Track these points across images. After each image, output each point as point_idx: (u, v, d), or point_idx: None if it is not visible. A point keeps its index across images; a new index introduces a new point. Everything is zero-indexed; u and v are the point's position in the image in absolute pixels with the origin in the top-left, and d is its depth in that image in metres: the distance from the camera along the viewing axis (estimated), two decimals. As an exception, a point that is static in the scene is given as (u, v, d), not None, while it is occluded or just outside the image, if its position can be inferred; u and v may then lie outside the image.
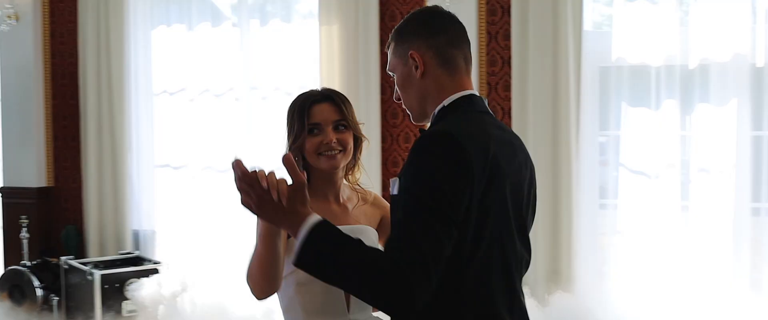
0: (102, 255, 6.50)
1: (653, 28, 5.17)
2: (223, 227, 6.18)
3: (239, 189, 1.74)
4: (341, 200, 2.32)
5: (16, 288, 6.08)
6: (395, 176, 1.84)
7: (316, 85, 5.63)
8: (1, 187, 7.06)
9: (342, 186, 2.33)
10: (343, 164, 2.27)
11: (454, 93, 1.92)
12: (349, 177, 2.36)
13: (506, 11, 5.42)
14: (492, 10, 5.50)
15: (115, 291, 5.56)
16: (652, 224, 5.19)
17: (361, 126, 2.33)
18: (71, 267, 5.82)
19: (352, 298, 2.20)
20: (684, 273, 5.04)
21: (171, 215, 6.54)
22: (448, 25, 1.95)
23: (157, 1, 6.52)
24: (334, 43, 5.78)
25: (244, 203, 1.75)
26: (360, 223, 2.31)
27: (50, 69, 6.96)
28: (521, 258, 1.93)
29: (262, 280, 1.99)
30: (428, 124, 1.98)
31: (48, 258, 6.25)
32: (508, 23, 5.39)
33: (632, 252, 5.29)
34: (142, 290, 5.52)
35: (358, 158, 2.35)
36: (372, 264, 1.65)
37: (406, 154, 5.51)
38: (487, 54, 5.52)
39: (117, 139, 6.55)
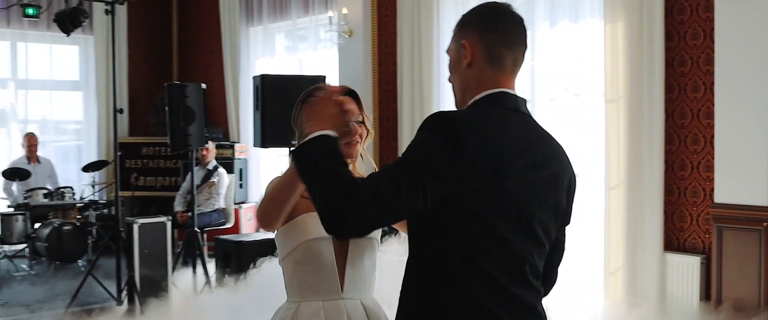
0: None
1: None
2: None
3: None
4: None
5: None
6: (681, 182, 2.04)
7: (601, 86, 5.57)
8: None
9: None
10: (359, 153, 2.43)
11: (491, 89, 1.94)
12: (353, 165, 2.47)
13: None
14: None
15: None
16: None
17: (368, 120, 2.47)
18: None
19: (346, 279, 2.32)
20: None
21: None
22: (507, 24, 1.97)
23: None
24: (619, 41, 5.58)
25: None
26: None
27: (377, 76, 7.75)
28: (524, 259, 1.88)
29: (270, 205, 2.24)
30: None
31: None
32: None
33: None
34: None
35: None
36: (335, 180, 1.75)
37: (694, 156, 5.17)
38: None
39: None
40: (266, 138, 7.25)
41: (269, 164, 9.14)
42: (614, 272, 5.65)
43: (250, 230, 8.80)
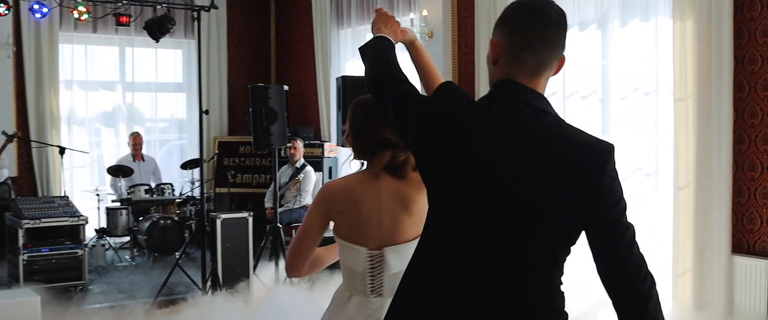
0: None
1: None
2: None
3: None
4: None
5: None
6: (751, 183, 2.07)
7: (670, 85, 5.52)
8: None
9: None
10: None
11: None
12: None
13: None
14: None
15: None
16: None
17: None
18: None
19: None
20: None
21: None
22: (534, 27, 1.93)
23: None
24: (688, 39, 5.48)
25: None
26: None
27: (457, 77, 7.86)
28: (467, 228, 1.94)
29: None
30: None
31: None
32: None
33: None
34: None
35: None
36: (379, 60, 2.30)
37: (765, 157, 5.06)
38: None
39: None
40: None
41: (356, 163, 9.37)
42: (683, 274, 5.56)
43: (337, 226, 9.05)
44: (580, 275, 3.82)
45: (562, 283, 2.01)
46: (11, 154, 8.97)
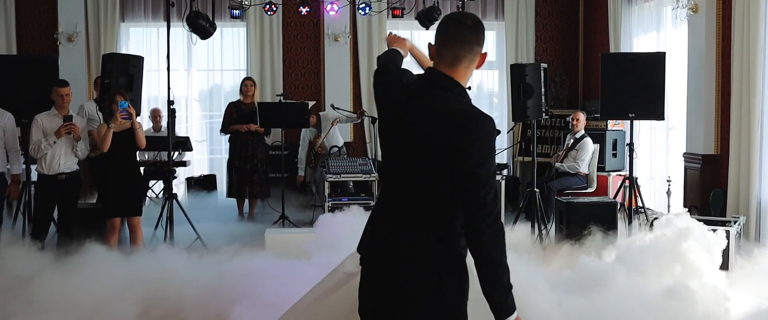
0: (736, 215, 7.19)
1: None
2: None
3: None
4: None
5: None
6: None
7: None
8: (684, 153, 8.39)
9: None
10: None
11: None
12: None
13: None
14: None
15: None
16: None
17: None
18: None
19: None
20: None
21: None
22: (448, 30, 2.77)
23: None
24: None
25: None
26: None
27: (720, 50, 7.90)
28: (391, 174, 2.84)
29: None
30: None
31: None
32: None
33: None
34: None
35: None
36: (384, 63, 3.17)
37: None
38: None
39: (752, 113, 7.13)
40: (604, 109, 8.05)
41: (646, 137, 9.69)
42: None
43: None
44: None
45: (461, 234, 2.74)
46: (347, 125, 11.01)
